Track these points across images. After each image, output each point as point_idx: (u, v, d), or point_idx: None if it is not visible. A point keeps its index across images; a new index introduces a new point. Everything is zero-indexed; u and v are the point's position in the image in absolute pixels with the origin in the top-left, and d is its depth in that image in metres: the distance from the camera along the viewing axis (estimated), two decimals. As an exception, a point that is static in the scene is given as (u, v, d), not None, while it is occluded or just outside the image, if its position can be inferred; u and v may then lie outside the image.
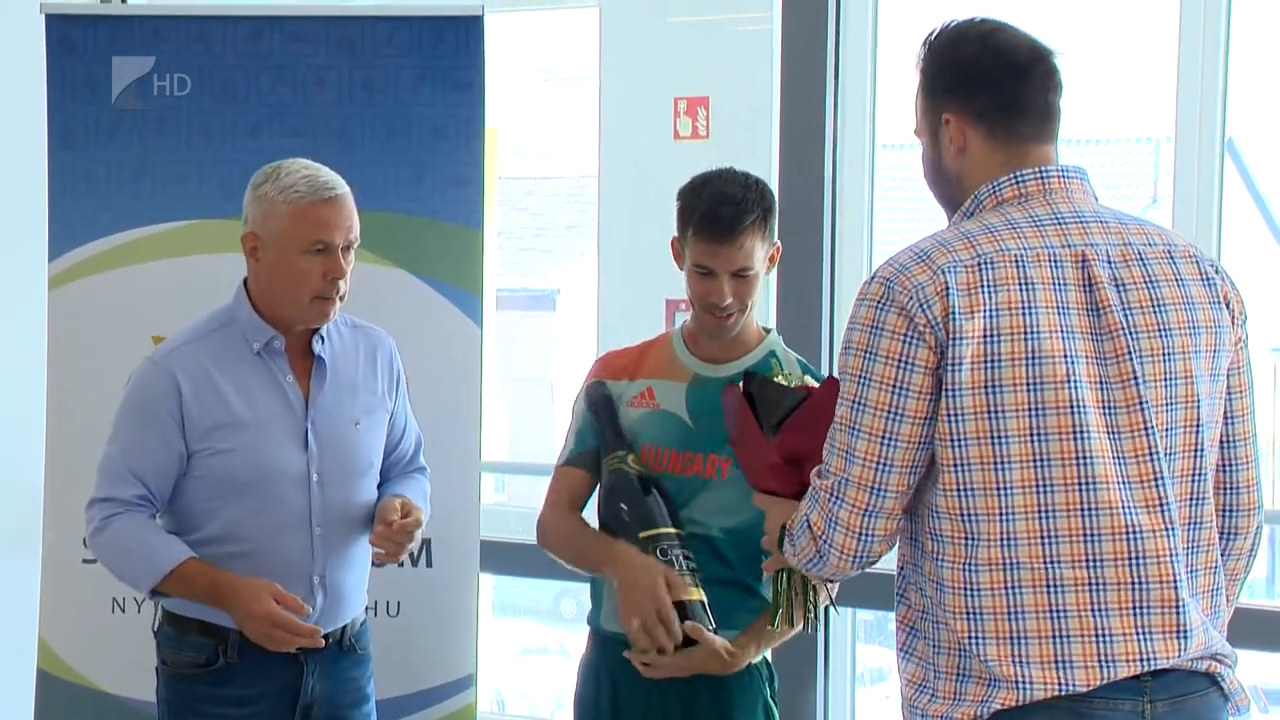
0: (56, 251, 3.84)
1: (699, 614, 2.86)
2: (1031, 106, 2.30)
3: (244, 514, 2.99)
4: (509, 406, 5.93)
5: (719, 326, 2.96)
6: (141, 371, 3.04)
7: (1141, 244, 2.27)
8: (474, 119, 3.82)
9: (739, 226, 2.86)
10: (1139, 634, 2.17)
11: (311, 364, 3.07)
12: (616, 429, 3.02)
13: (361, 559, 3.11)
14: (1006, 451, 2.17)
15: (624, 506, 2.94)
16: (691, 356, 3.04)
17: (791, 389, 2.67)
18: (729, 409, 2.76)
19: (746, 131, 4.47)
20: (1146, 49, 4.50)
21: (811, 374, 2.99)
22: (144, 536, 2.97)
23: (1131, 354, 2.20)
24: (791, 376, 2.76)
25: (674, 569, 2.87)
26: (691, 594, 2.86)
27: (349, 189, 3.02)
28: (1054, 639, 2.16)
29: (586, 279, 5.67)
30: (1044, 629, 2.17)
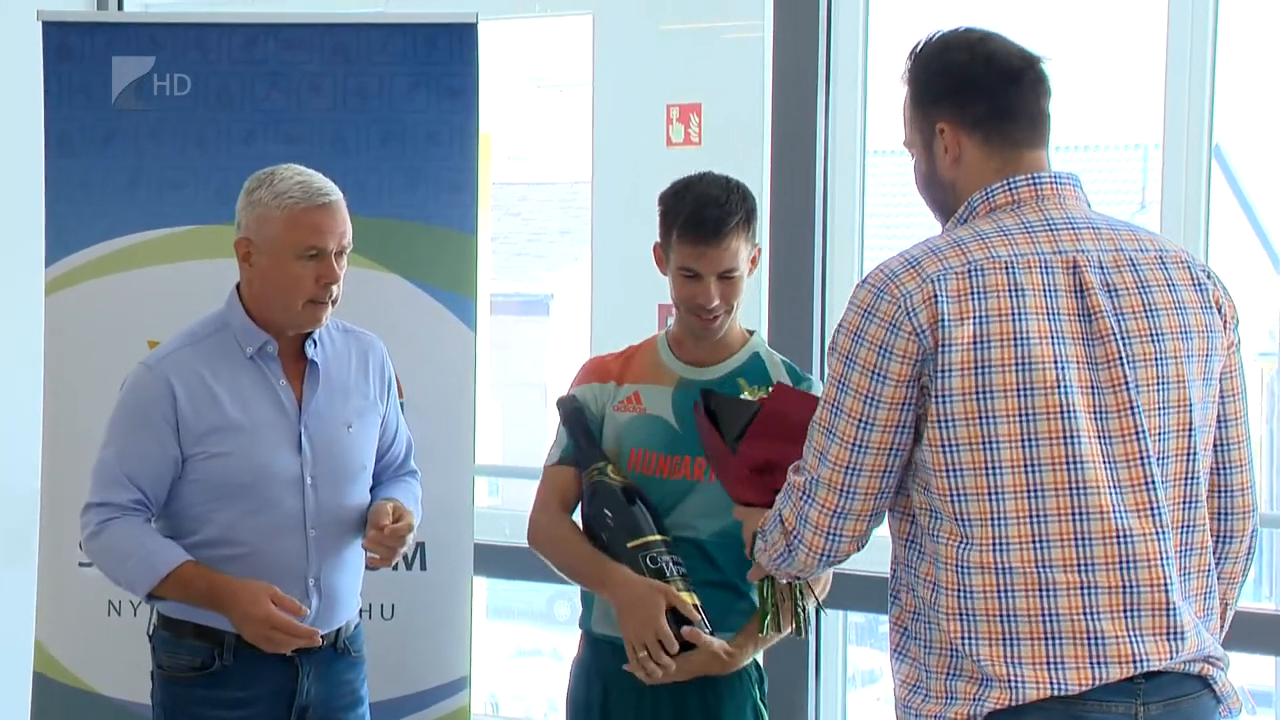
0: (53, 257, 3.86)
1: (698, 621, 2.87)
2: (1024, 113, 2.30)
3: (239, 517, 3.00)
4: (503, 410, 5.94)
5: (706, 329, 2.97)
6: (136, 376, 3.05)
7: (1133, 249, 2.28)
8: (468, 125, 3.84)
9: (724, 229, 2.87)
10: (1131, 636, 2.17)
11: (304, 368, 3.08)
12: (591, 440, 3.03)
13: (355, 562, 3.12)
14: (997, 456, 2.18)
15: (609, 517, 2.95)
16: (677, 360, 3.05)
17: (746, 401, 2.69)
18: (699, 429, 2.78)
19: (738, 138, 4.47)
20: (1135, 56, 4.52)
21: (796, 375, 3.01)
22: (140, 540, 2.98)
23: (1123, 359, 2.21)
24: (757, 391, 2.78)
25: (665, 575, 2.89)
26: (685, 599, 2.88)
27: (342, 195, 3.03)
28: (1046, 641, 2.17)
29: (580, 284, 5.67)
30: (1036, 631, 2.17)
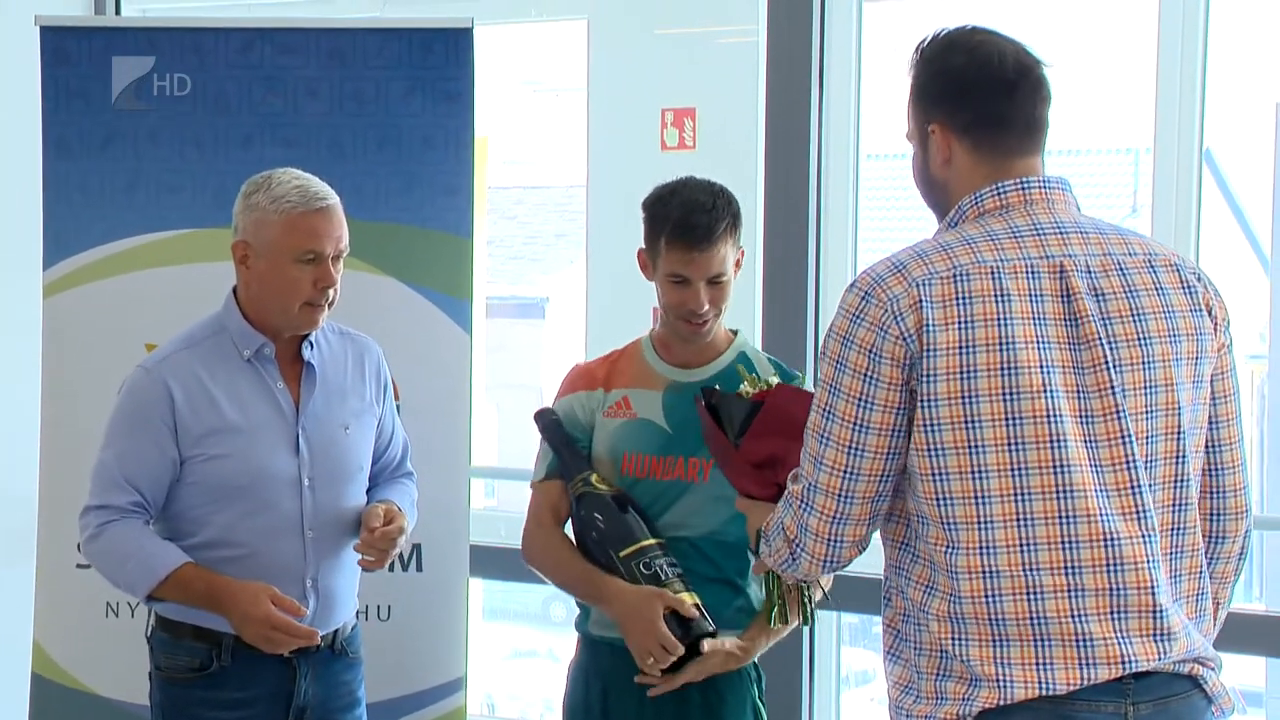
0: (51, 260, 3.87)
1: (698, 619, 2.89)
2: (1017, 121, 2.30)
3: (237, 519, 3.01)
4: (498, 413, 5.96)
5: (695, 333, 2.98)
6: (134, 379, 3.05)
7: (1121, 254, 2.28)
8: (464, 129, 3.84)
9: (714, 234, 2.88)
10: (1118, 638, 2.18)
11: (301, 370, 3.08)
12: (574, 450, 3.04)
13: (352, 563, 3.12)
14: (984, 461, 2.18)
15: (599, 528, 2.96)
16: (664, 364, 3.05)
17: (743, 399, 2.70)
18: (702, 425, 2.79)
19: (732, 142, 4.49)
20: (1126, 61, 4.55)
21: (785, 372, 3.02)
22: (139, 543, 2.98)
23: (1109, 364, 2.21)
24: (759, 381, 2.78)
25: (661, 579, 2.90)
26: (685, 599, 2.89)
27: (339, 199, 3.04)
28: (1034, 643, 2.17)
29: (575, 287, 5.70)
30: (1025, 633, 2.18)
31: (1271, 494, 5.18)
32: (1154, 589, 2.20)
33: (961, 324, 2.19)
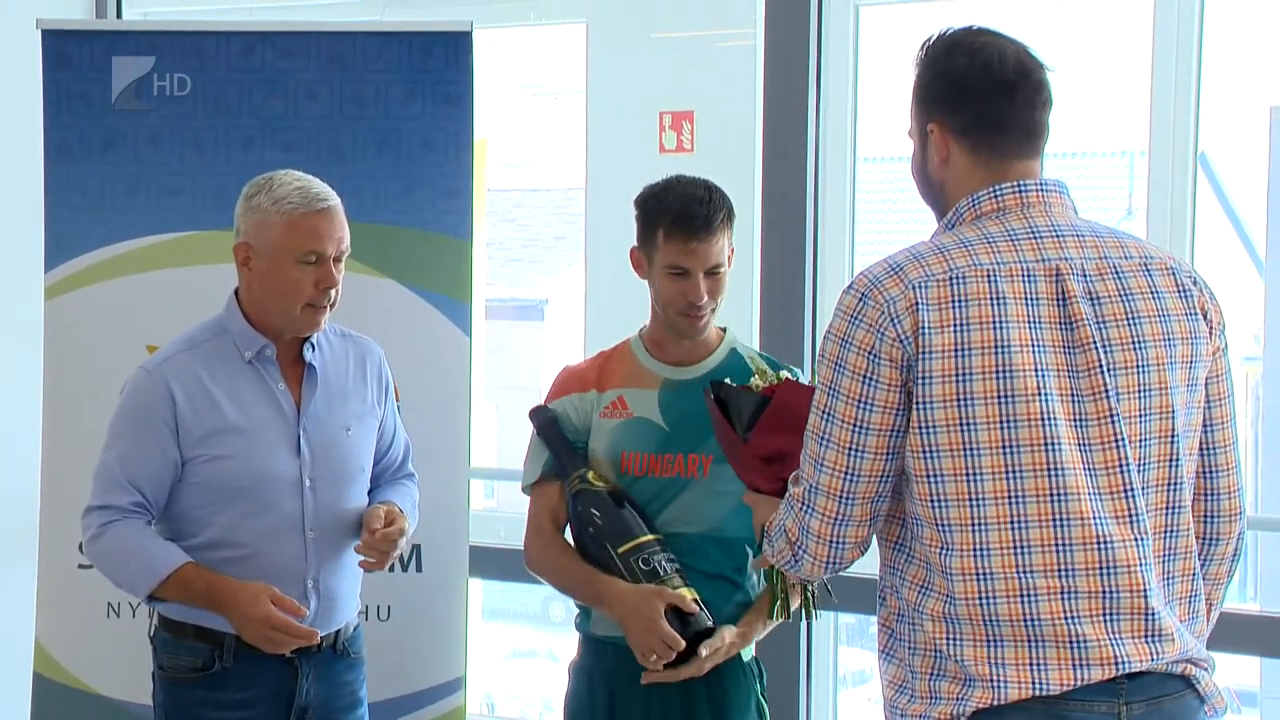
0: (53, 262, 3.87)
1: (698, 614, 2.91)
2: (1016, 125, 2.30)
3: (239, 519, 3.01)
4: (498, 414, 5.97)
5: (693, 327, 3.00)
6: (136, 380, 3.06)
7: (1117, 257, 2.28)
8: (463, 132, 3.85)
9: (713, 223, 2.92)
10: (1111, 639, 2.19)
11: (303, 372, 3.09)
12: (569, 449, 3.05)
13: (354, 563, 3.13)
14: (978, 463, 2.19)
15: (596, 525, 2.97)
16: (657, 362, 3.07)
17: (752, 392, 2.71)
18: (711, 418, 2.80)
19: (730, 145, 4.50)
20: (1122, 64, 4.56)
21: (773, 365, 3.04)
22: (141, 543, 2.99)
23: (1103, 367, 2.22)
24: (767, 375, 2.79)
25: (659, 574, 2.92)
26: (685, 595, 2.91)
27: (340, 200, 3.05)
28: (1028, 643, 2.18)
29: (574, 289, 5.71)
30: (1018, 634, 2.18)
31: (1266, 495, 5.19)
32: (1146, 592, 2.21)
33: (957, 327, 2.20)
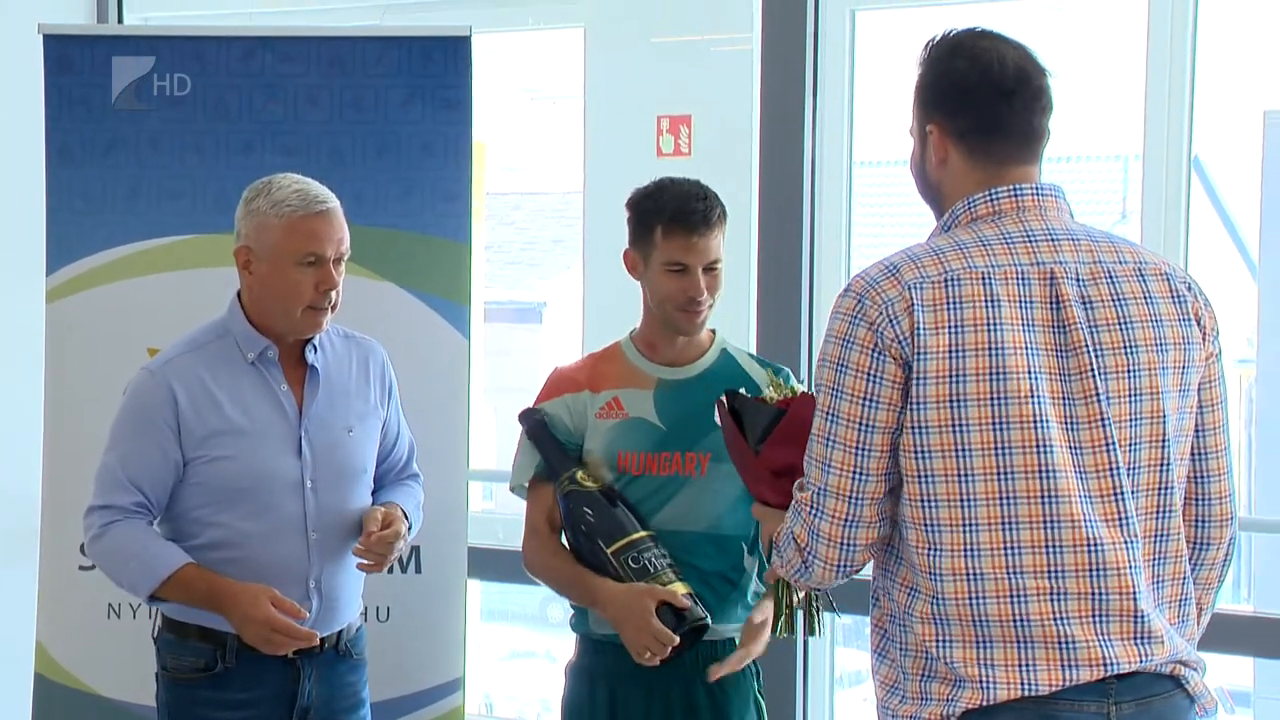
0: (54, 266, 3.89)
1: (691, 608, 2.92)
2: (1014, 130, 2.30)
3: (240, 520, 3.02)
4: (496, 416, 5.97)
5: (692, 323, 3.02)
6: (138, 381, 3.07)
7: (1112, 262, 2.29)
8: (462, 136, 3.87)
9: (711, 219, 2.97)
10: (1100, 641, 2.19)
11: (305, 373, 3.10)
12: (559, 450, 3.06)
13: (355, 564, 3.13)
14: (970, 465, 2.19)
15: (588, 524, 2.98)
16: (650, 363, 3.09)
17: (767, 405, 2.70)
18: (723, 428, 2.78)
19: (727, 149, 4.51)
20: (1116, 68, 4.57)
21: (761, 365, 3.07)
22: (142, 543, 3.00)
23: (1095, 371, 2.22)
24: (781, 388, 2.80)
25: (650, 571, 2.94)
26: (677, 590, 2.93)
27: (339, 202, 3.06)
28: (1018, 644, 2.19)
29: (572, 292, 5.72)
30: (1008, 635, 2.19)
31: (1260, 496, 5.20)
32: (1135, 594, 2.22)
33: (951, 328, 2.21)
